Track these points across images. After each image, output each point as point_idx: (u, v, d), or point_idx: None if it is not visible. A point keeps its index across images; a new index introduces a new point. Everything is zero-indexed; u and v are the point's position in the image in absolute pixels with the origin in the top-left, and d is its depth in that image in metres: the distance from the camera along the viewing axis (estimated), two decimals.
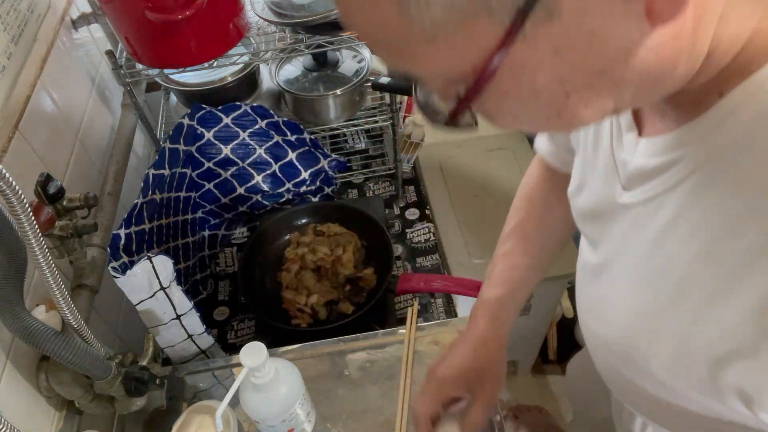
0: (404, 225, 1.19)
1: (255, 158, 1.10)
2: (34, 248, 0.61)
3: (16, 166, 0.75)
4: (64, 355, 0.64)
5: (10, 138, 0.74)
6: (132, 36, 0.88)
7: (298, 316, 1.01)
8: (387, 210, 1.21)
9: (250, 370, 0.68)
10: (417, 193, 1.26)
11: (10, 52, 0.78)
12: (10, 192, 0.55)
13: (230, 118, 1.04)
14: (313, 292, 1.03)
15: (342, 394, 0.85)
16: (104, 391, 0.73)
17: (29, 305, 0.69)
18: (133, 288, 0.80)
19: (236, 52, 0.99)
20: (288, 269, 1.08)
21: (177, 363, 0.92)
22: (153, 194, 0.90)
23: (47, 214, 0.71)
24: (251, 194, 1.13)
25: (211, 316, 1.08)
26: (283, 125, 1.06)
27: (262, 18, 0.96)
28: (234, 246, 1.18)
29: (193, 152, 1.05)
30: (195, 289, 1.06)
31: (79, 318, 0.69)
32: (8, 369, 0.69)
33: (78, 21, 1.03)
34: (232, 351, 0.99)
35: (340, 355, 0.90)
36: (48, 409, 0.76)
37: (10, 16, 0.80)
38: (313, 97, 1.09)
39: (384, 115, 1.21)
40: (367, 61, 1.11)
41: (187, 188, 1.06)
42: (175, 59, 0.92)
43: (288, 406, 0.73)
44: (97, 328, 0.92)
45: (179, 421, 0.78)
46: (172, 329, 0.87)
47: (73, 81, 0.99)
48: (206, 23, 0.86)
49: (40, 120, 0.84)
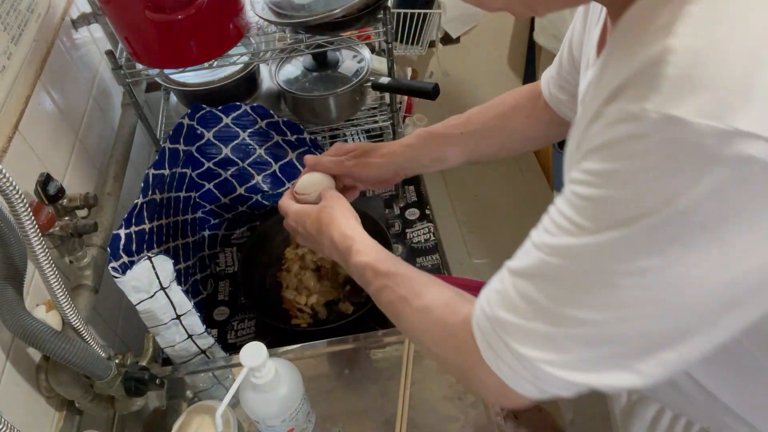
0: (404, 225, 1.19)
1: (255, 158, 1.10)
2: (34, 248, 0.61)
3: (16, 166, 0.75)
4: (64, 355, 0.64)
5: (10, 138, 0.74)
6: (132, 36, 0.88)
7: (298, 316, 1.01)
8: (387, 210, 1.21)
9: (250, 370, 0.68)
10: (417, 193, 1.26)
11: (10, 52, 0.78)
12: (10, 192, 0.55)
13: (230, 118, 1.04)
14: (313, 292, 1.03)
15: (342, 394, 0.85)
16: (104, 391, 0.73)
17: (29, 305, 0.69)
18: (133, 288, 0.80)
19: (236, 52, 0.99)
20: (288, 269, 1.08)
21: (177, 363, 0.92)
22: (153, 194, 0.90)
23: (47, 214, 0.71)
24: (251, 194, 1.13)
25: (211, 316, 1.08)
26: (283, 125, 1.06)
27: (262, 18, 0.96)
28: (234, 246, 1.18)
29: (193, 152, 1.05)
30: (195, 289, 1.06)
31: (79, 318, 0.69)
32: (8, 369, 0.69)
33: (78, 21, 1.03)
34: (232, 351, 0.99)
35: (340, 355, 0.90)
36: (48, 409, 0.76)
37: (10, 16, 0.80)
38: (313, 97, 1.09)
39: (384, 115, 1.21)
40: (367, 61, 1.11)
41: (187, 188, 1.06)
42: (175, 59, 0.92)
43: (288, 406, 0.73)
44: (97, 328, 0.92)
45: (179, 421, 0.78)
46: (172, 329, 0.87)
47: (73, 81, 0.99)
48: (206, 23, 0.86)
49: (40, 120, 0.84)
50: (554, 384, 0.45)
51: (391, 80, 1.03)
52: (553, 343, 0.43)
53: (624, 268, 0.39)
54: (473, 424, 0.80)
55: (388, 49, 1.01)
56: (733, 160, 0.32)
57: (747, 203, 0.34)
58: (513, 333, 0.46)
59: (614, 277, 0.39)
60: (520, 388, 0.47)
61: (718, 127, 0.32)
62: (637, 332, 0.41)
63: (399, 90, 1.05)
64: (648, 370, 0.42)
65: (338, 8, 0.88)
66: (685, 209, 0.35)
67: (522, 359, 0.45)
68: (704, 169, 0.33)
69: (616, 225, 0.38)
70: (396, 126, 1.15)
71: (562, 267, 0.42)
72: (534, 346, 0.44)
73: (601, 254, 0.40)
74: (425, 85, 0.97)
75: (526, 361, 0.45)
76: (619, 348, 0.42)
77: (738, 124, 0.32)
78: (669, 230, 0.36)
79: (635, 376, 0.42)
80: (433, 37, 1.37)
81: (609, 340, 0.42)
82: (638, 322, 0.40)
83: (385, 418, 0.82)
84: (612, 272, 0.39)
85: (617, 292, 0.40)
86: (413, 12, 1.27)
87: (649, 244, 0.37)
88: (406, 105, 1.48)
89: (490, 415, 0.80)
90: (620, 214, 0.38)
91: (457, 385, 0.83)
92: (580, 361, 0.43)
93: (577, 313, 0.42)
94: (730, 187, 0.33)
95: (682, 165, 0.34)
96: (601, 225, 0.39)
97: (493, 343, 0.48)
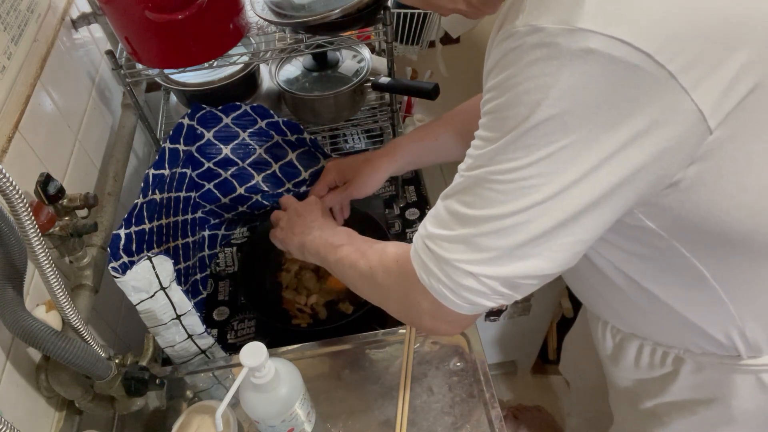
0: (404, 225, 1.19)
1: (255, 158, 1.10)
2: (34, 248, 0.61)
3: (16, 166, 0.75)
4: (64, 355, 0.64)
5: (10, 138, 0.74)
6: (132, 36, 0.88)
7: (298, 316, 1.01)
8: (387, 210, 1.21)
9: (250, 370, 0.68)
10: (417, 193, 1.26)
11: (10, 52, 0.78)
12: (10, 192, 0.55)
13: (230, 118, 1.04)
14: (313, 292, 1.04)
15: (342, 394, 0.85)
16: (104, 391, 0.73)
17: (29, 305, 0.69)
18: (133, 288, 0.80)
19: (236, 52, 0.99)
20: (288, 269, 1.08)
21: (177, 363, 0.92)
22: (153, 194, 0.90)
23: (47, 214, 0.71)
24: (251, 194, 1.13)
25: (211, 316, 1.08)
26: (283, 125, 1.06)
27: (262, 18, 0.96)
28: (234, 246, 1.18)
29: (193, 152, 1.05)
30: (195, 289, 1.06)
31: (79, 318, 0.69)
32: (8, 369, 0.69)
33: (78, 21, 1.03)
34: (232, 351, 0.99)
35: (340, 355, 0.90)
36: (48, 409, 0.76)
37: (10, 16, 0.80)
38: (313, 97, 1.09)
39: (384, 115, 1.21)
40: (367, 61, 1.11)
41: (187, 188, 1.06)
42: (175, 59, 0.92)
43: (288, 406, 0.73)
44: (97, 328, 0.92)
45: (179, 421, 0.78)
46: (172, 329, 0.87)
47: (73, 81, 0.99)
48: (206, 23, 0.86)
49: (40, 120, 0.84)
50: (472, 288, 0.53)
51: (391, 80, 1.03)
52: (473, 245, 0.52)
53: (513, 165, 0.48)
54: (473, 424, 0.80)
55: (388, 49, 1.01)
56: (579, 52, 0.42)
57: (594, 90, 0.43)
58: (440, 243, 0.54)
59: (507, 174, 0.48)
60: (446, 301, 0.56)
61: (566, 28, 0.42)
62: (535, 219, 0.49)
63: (399, 90, 1.05)
64: (553, 256, 0.51)
65: (338, 8, 0.88)
66: (553, 104, 0.44)
67: (445, 265, 0.54)
68: (562, 62, 0.43)
69: (504, 133, 0.47)
70: (396, 126, 1.15)
71: (475, 176, 0.51)
72: (458, 251, 0.53)
73: (497, 156, 0.49)
74: (425, 85, 0.97)
75: (449, 266, 0.53)
76: (526, 236, 0.50)
77: (579, 24, 0.42)
78: (542, 129, 0.45)
79: (544, 263, 0.51)
80: (433, 37, 1.37)
81: (517, 230, 0.50)
82: (534, 210, 0.48)
83: (385, 418, 0.82)
84: (506, 171, 0.48)
85: (514, 188, 0.48)
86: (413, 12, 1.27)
87: (532, 142, 0.46)
88: (406, 105, 1.48)
89: (490, 415, 0.80)
90: (507, 122, 0.47)
91: (457, 385, 0.84)
92: (495, 256, 0.51)
93: (487, 211, 0.50)
94: (582, 76, 0.42)
95: (545, 63, 0.43)
96: (497, 134, 0.48)
97: (424, 257, 0.56)
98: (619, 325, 0.79)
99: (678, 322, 0.67)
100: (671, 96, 0.43)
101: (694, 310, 0.65)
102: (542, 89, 0.44)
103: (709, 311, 0.64)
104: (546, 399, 1.72)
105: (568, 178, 0.47)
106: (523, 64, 0.45)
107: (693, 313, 0.65)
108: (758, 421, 0.71)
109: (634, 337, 0.77)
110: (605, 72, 0.42)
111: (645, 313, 0.70)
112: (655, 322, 0.71)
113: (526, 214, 0.49)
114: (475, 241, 0.51)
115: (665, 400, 0.77)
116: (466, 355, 0.87)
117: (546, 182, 0.47)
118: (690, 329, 0.67)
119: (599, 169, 0.46)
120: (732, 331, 0.64)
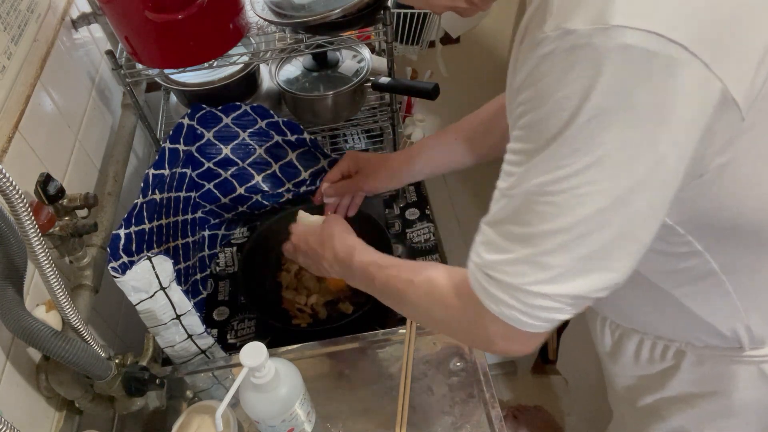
0: (404, 225, 1.19)
1: (255, 158, 1.10)
2: (34, 248, 0.61)
3: (16, 166, 0.75)
4: (64, 355, 0.64)
5: (10, 138, 0.74)
6: (132, 36, 0.88)
7: (298, 316, 1.01)
8: (387, 210, 1.21)
9: (250, 370, 0.68)
10: (417, 193, 1.26)
11: (10, 52, 0.78)
12: (10, 192, 0.55)
13: (230, 118, 1.04)
14: (313, 292, 1.03)
15: (342, 394, 0.85)
16: (104, 391, 0.73)
17: (29, 305, 0.69)
18: (133, 288, 0.80)
19: (236, 52, 0.99)
20: (288, 269, 1.08)
21: (177, 363, 0.92)
22: (153, 194, 0.90)
23: (47, 214, 0.71)
24: (251, 194, 1.13)
25: (211, 316, 1.08)
26: (283, 125, 1.06)
27: (262, 18, 0.96)
28: (234, 246, 1.18)
29: (193, 152, 1.05)
30: (195, 289, 1.06)
31: (79, 318, 0.69)
32: (8, 369, 0.69)
33: (78, 21, 1.03)
34: (232, 351, 0.99)
35: (340, 355, 0.90)
36: (48, 409, 0.76)
37: (10, 16, 0.80)
38: (313, 97, 1.09)
39: (384, 115, 1.21)
40: (367, 61, 1.11)
41: (187, 188, 1.06)
42: (175, 59, 0.92)
43: (288, 406, 0.73)
44: (97, 328, 0.92)
45: (179, 421, 0.78)
46: (171, 329, 0.87)
47: (73, 81, 0.99)
48: (206, 23, 0.86)
49: (40, 120, 0.84)
50: (547, 306, 0.50)
51: (391, 80, 1.03)
52: (536, 264, 0.49)
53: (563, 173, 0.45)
54: (473, 424, 0.80)
55: (388, 49, 1.01)
56: (617, 50, 0.41)
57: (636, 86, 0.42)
58: (501, 269, 0.51)
59: (558, 185, 0.46)
60: (521, 324, 0.52)
61: (599, 27, 0.41)
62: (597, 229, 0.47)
63: (399, 90, 1.05)
64: (620, 265, 0.49)
65: (338, 8, 0.88)
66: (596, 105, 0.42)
67: (515, 291, 0.51)
68: (600, 62, 0.41)
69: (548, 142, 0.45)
70: (396, 126, 1.15)
71: (522, 193, 0.49)
72: (522, 274, 0.50)
73: (543, 166, 0.46)
74: (425, 85, 0.97)
75: (518, 292, 0.51)
76: (591, 247, 0.47)
77: (612, 21, 0.41)
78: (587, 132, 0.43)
79: (612, 273, 0.49)
80: (433, 37, 1.37)
81: (580, 243, 0.47)
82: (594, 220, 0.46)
83: (385, 418, 0.82)
84: (556, 180, 0.46)
85: (569, 198, 0.46)
86: (413, 12, 1.27)
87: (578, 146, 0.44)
88: (406, 105, 1.48)
89: (490, 415, 0.80)
90: (548, 130, 0.45)
91: (457, 385, 0.84)
92: (563, 272, 0.48)
93: (545, 226, 0.48)
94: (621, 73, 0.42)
95: (582, 65, 0.42)
96: (539, 144, 0.46)
97: (489, 287, 0.53)
98: (619, 320, 0.79)
99: (683, 315, 0.67)
100: (709, 86, 0.43)
101: (700, 303, 0.65)
102: (582, 92, 0.43)
103: (715, 304, 0.64)
104: (546, 399, 1.72)
105: (623, 183, 0.45)
106: (558, 71, 0.44)
107: (699, 306, 0.65)
108: (758, 413, 0.71)
109: (634, 332, 0.77)
110: (643, 67, 0.41)
111: (649, 308, 0.70)
112: (658, 316, 0.71)
113: (585, 224, 0.46)
114: (539, 260, 0.49)
115: (665, 395, 0.77)
116: (466, 355, 0.87)
117: (600, 189, 0.45)
118: (694, 322, 0.67)
119: (655, 169, 0.45)
120: (736, 323, 0.64)
